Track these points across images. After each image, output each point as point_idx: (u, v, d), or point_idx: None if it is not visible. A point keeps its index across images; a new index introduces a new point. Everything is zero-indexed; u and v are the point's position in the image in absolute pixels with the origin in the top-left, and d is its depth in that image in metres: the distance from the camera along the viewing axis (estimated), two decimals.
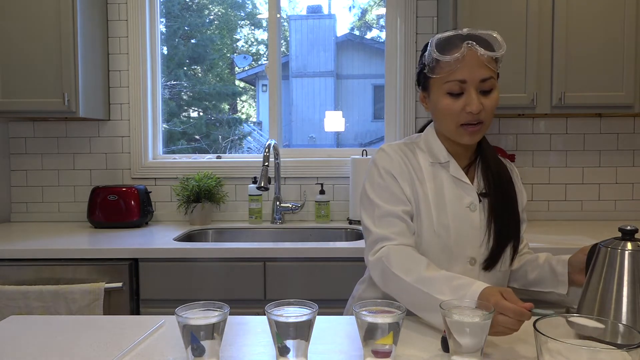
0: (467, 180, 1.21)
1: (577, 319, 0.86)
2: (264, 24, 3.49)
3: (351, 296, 1.41)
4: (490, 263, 1.20)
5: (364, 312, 0.85)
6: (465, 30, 1.15)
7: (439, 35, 1.16)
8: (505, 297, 0.93)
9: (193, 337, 0.83)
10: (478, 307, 0.88)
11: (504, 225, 1.20)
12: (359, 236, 2.31)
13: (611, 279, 0.91)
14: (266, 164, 2.26)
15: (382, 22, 3.15)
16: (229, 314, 0.88)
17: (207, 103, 3.43)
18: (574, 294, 1.17)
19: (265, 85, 3.48)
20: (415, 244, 1.18)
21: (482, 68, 1.13)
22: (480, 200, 1.21)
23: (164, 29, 2.87)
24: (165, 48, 2.89)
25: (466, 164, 1.25)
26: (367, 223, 1.20)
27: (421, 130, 1.33)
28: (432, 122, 1.29)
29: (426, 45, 1.21)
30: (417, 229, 1.19)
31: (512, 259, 1.24)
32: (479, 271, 1.20)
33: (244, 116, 4.09)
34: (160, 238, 2.13)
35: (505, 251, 1.20)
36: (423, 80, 1.22)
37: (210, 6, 3.33)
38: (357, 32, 5.07)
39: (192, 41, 3.26)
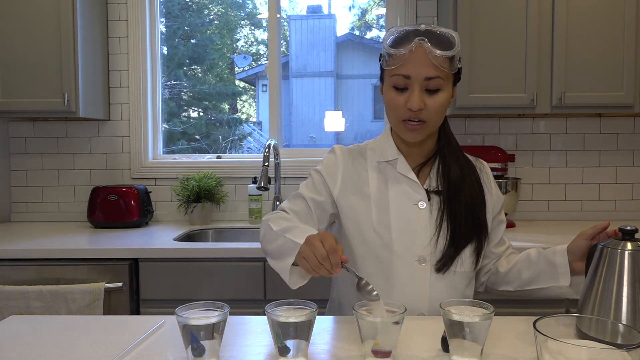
0: (414, 178, 1.20)
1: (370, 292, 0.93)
2: (264, 24, 3.49)
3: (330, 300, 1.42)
4: (442, 264, 1.16)
5: (363, 312, 0.85)
6: (423, 26, 1.12)
7: (397, 28, 1.15)
8: (324, 241, 0.96)
9: (193, 337, 0.83)
10: (478, 307, 0.88)
11: (459, 225, 1.17)
12: None
13: (611, 279, 0.91)
14: (266, 164, 2.26)
15: (382, 22, 3.14)
16: (229, 314, 0.88)
17: (207, 103, 3.43)
18: (577, 283, 1.13)
19: (265, 85, 3.48)
20: (353, 244, 1.21)
21: (429, 66, 1.10)
22: (430, 198, 1.19)
23: (164, 29, 2.87)
24: (165, 48, 2.89)
25: (421, 162, 1.23)
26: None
27: None
28: None
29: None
30: (357, 229, 1.20)
31: (477, 262, 1.20)
32: (430, 271, 1.17)
33: (244, 116, 4.09)
34: (160, 238, 2.13)
35: (462, 252, 1.17)
36: (380, 72, 1.22)
37: (210, 6, 3.33)
38: (357, 32, 5.07)
39: (192, 41, 3.26)
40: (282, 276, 1.09)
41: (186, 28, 3.18)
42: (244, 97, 4.22)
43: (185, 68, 3.23)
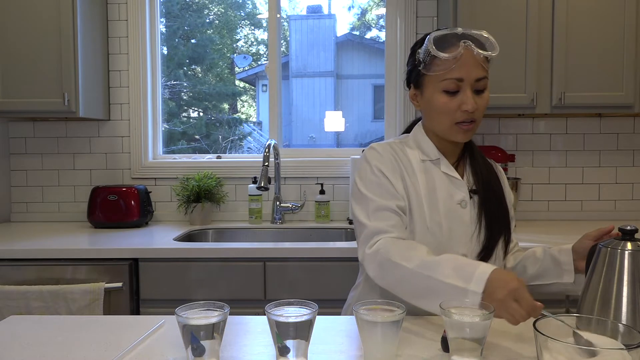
0: (458, 176, 1.22)
1: (584, 334, 0.84)
2: (264, 24, 3.49)
3: (346, 304, 1.39)
4: (484, 256, 1.20)
5: (363, 312, 0.85)
6: (459, 30, 1.16)
7: (436, 33, 1.16)
8: (515, 298, 0.90)
9: (193, 337, 0.83)
10: (479, 307, 0.88)
11: (495, 219, 1.21)
12: None
13: (611, 279, 0.91)
14: (266, 164, 2.26)
15: (382, 22, 3.14)
16: (229, 314, 0.88)
17: (207, 103, 3.43)
18: (580, 282, 1.16)
19: (265, 85, 3.48)
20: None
21: (477, 67, 1.14)
22: (470, 197, 1.22)
23: (164, 29, 2.87)
24: (165, 48, 2.89)
25: (454, 161, 1.26)
26: (361, 218, 1.18)
27: (407, 131, 1.33)
28: (420, 121, 1.29)
29: (417, 44, 1.21)
30: (409, 226, 1.19)
31: (505, 254, 1.25)
32: None
33: (244, 116, 4.09)
34: (160, 238, 2.13)
35: (497, 245, 1.21)
36: (416, 78, 1.22)
37: (210, 6, 3.33)
38: (357, 32, 5.07)
39: (192, 41, 3.26)
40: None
41: (186, 28, 3.18)
42: (244, 97, 4.22)
43: (185, 68, 3.23)
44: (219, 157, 2.66)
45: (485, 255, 1.20)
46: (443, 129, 1.19)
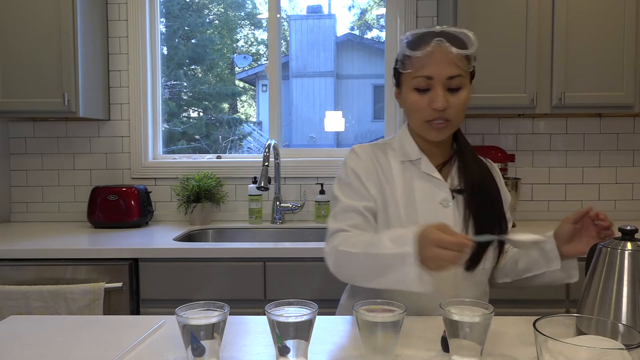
0: (439, 177, 1.21)
1: (512, 236, 0.99)
2: (264, 24, 3.49)
3: (339, 305, 1.40)
4: (472, 263, 1.18)
5: (363, 312, 0.85)
6: (438, 28, 1.15)
7: (412, 32, 1.17)
8: (443, 232, 0.94)
9: (193, 337, 0.83)
10: (478, 306, 0.88)
11: (484, 223, 1.18)
12: None
13: (611, 279, 0.91)
14: (266, 164, 2.26)
15: (382, 22, 3.14)
16: (229, 314, 0.88)
17: (207, 103, 3.43)
18: (567, 267, 1.16)
19: (265, 85, 3.48)
20: None
21: (450, 66, 1.12)
22: (454, 197, 1.20)
23: (164, 29, 2.87)
24: (165, 48, 2.89)
25: (441, 161, 1.25)
26: (329, 218, 1.22)
27: None
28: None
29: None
30: (386, 226, 1.19)
31: (498, 258, 1.22)
32: (456, 268, 1.17)
33: (243, 116, 4.09)
34: (160, 238, 2.13)
35: (487, 250, 1.19)
36: (396, 76, 1.23)
37: (210, 6, 3.33)
38: (357, 32, 5.07)
39: (192, 41, 3.26)
40: (407, 287, 0.99)
41: (186, 28, 3.18)
42: (244, 97, 4.22)
43: (185, 68, 3.23)
44: (219, 157, 2.66)
45: (473, 261, 1.17)
46: (417, 127, 1.20)
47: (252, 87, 4.55)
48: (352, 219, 1.18)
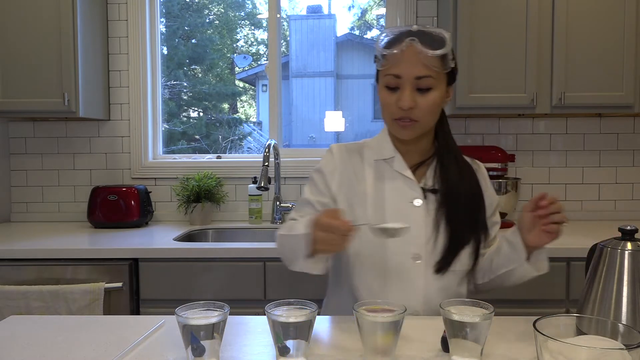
0: (410, 175, 1.22)
1: (381, 225, 1.04)
2: (264, 24, 3.49)
3: (323, 304, 1.42)
4: (442, 265, 1.17)
5: (363, 312, 0.85)
6: (415, 27, 1.14)
7: (390, 30, 1.18)
8: (331, 218, 0.99)
9: (193, 337, 0.83)
10: (478, 306, 0.88)
11: (458, 226, 1.18)
12: None
13: (611, 279, 0.91)
14: (266, 164, 2.26)
15: (382, 22, 3.14)
16: (229, 314, 0.88)
17: (207, 103, 3.43)
18: (535, 259, 1.13)
19: (265, 85, 3.48)
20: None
21: (419, 66, 1.12)
22: (425, 197, 1.20)
23: (164, 29, 2.87)
24: (165, 48, 2.89)
25: (418, 161, 1.24)
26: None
27: None
28: None
29: None
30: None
31: (475, 262, 1.21)
32: (425, 269, 1.18)
33: (243, 116, 4.09)
34: (160, 238, 2.13)
35: (460, 253, 1.18)
36: (376, 74, 1.24)
37: (210, 6, 3.33)
38: (357, 32, 5.07)
39: (192, 41, 3.26)
40: (308, 271, 1.11)
41: (186, 28, 3.18)
42: (244, 97, 4.22)
43: (185, 68, 3.23)
44: (219, 157, 2.66)
45: (444, 263, 1.17)
46: (387, 124, 1.22)
47: (252, 87, 4.55)
48: (302, 211, 1.24)
